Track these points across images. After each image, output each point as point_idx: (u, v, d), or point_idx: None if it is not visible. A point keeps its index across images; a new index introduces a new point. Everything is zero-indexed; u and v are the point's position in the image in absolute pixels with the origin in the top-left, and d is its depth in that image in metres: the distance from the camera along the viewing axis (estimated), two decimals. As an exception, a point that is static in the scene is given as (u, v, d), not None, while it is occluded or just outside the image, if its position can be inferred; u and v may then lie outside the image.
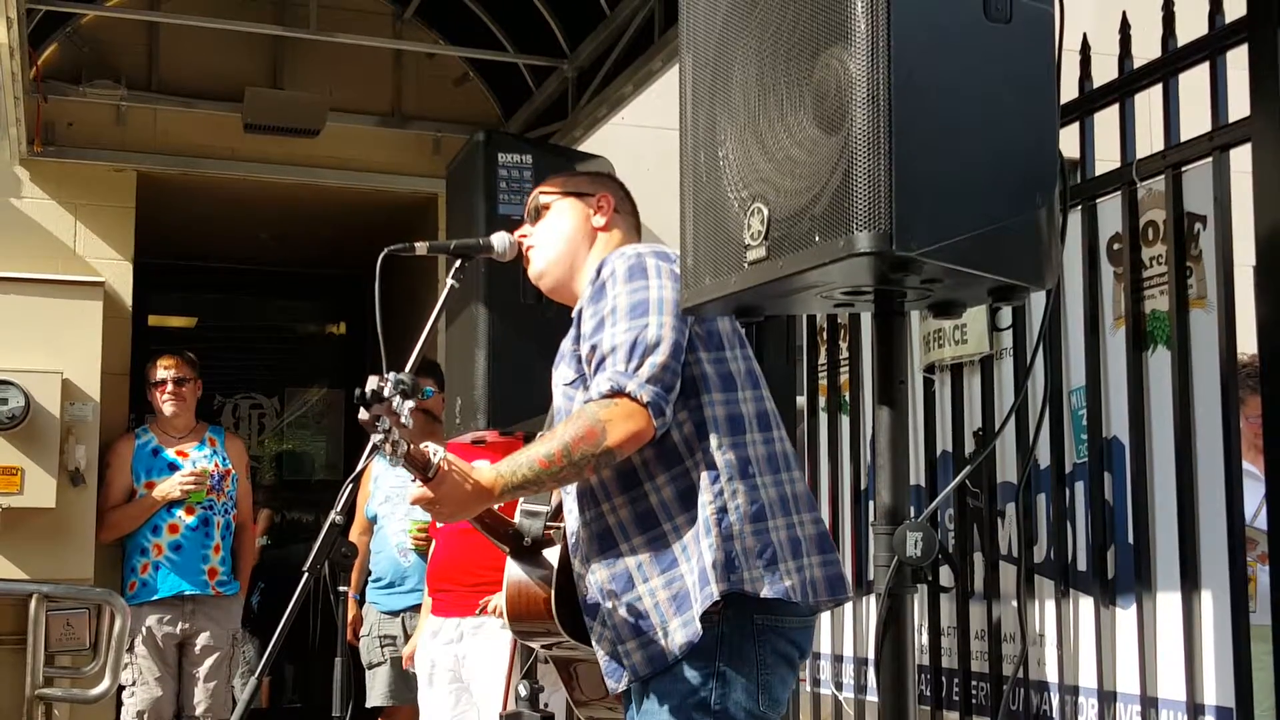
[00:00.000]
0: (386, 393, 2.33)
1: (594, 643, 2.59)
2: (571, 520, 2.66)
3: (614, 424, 2.42)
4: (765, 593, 2.45)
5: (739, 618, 2.47)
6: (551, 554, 2.71)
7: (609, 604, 2.55)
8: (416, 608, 5.25)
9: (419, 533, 5.21)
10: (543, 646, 2.85)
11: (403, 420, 2.35)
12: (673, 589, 2.49)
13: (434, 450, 2.44)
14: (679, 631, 2.47)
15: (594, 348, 2.52)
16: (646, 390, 2.43)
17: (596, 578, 2.58)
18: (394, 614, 5.32)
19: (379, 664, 5.30)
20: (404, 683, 5.25)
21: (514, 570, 2.74)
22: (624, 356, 2.45)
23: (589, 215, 2.81)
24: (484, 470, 2.49)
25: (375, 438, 2.34)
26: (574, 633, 2.65)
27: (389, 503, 5.33)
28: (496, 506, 2.62)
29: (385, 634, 5.31)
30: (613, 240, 2.80)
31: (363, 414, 2.34)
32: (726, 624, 2.46)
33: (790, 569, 2.50)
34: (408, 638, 5.27)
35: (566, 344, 2.69)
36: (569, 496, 2.66)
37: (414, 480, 2.46)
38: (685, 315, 2.48)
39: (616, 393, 2.43)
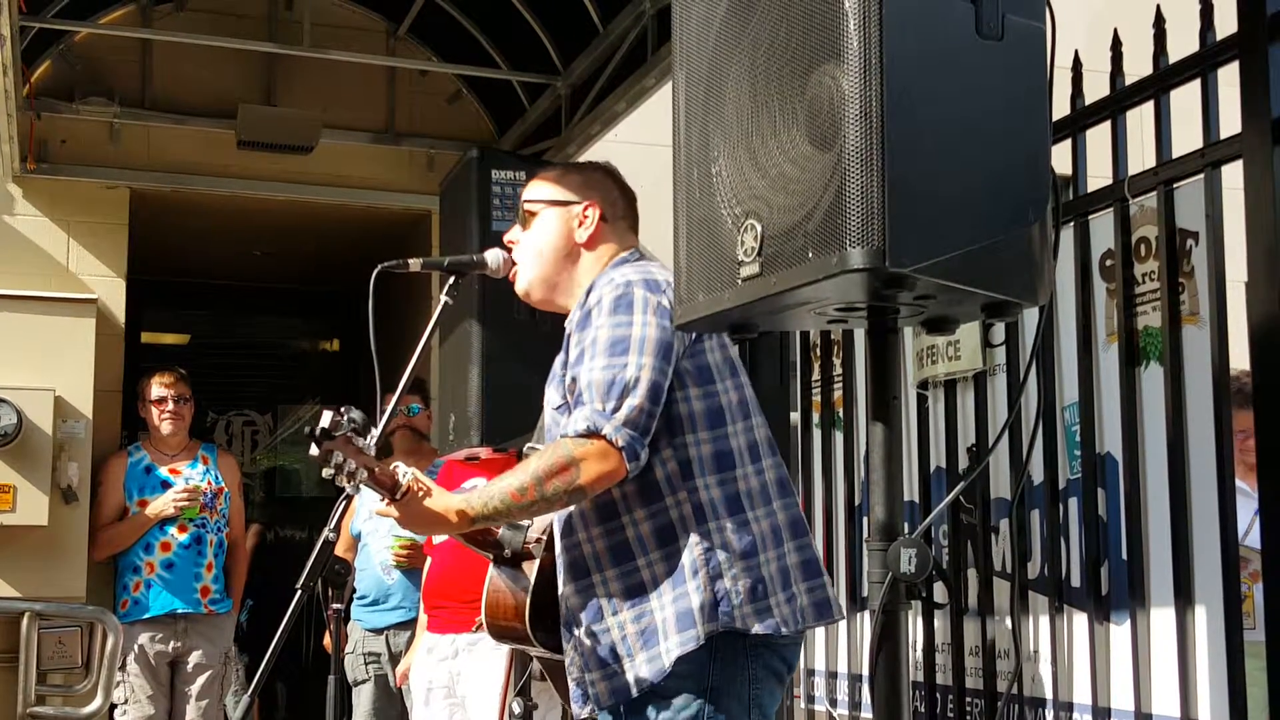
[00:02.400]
0: (338, 431, 2.37)
1: (566, 665, 2.61)
2: (557, 543, 2.67)
3: (588, 464, 2.42)
4: (755, 629, 2.47)
5: (731, 641, 2.48)
6: (531, 567, 2.73)
7: (578, 632, 2.56)
8: (401, 625, 5.25)
9: (402, 549, 5.20)
10: (535, 656, 2.86)
11: (363, 450, 2.40)
12: (641, 624, 2.49)
13: (403, 472, 2.46)
14: (644, 666, 2.47)
15: (574, 379, 2.51)
16: (622, 434, 2.42)
17: (569, 605, 2.60)
18: (378, 631, 5.31)
19: (363, 681, 5.28)
20: (388, 700, 5.24)
21: (495, 578, 2.75)
22: (600, 395, 2.44)
23: (573, 229, 2.73)
24: (454, 497, 2.50)
25: (325, 472, 2.38)
26: (547, 644, 2.67)
27: (373, 520, 5.32)
28: None
29: (370, 651, 5.30)
30: (600, 256, 2.74)
31: (313, 450, 2.37)
32: (718, 647, 2.47)
33: (780, 600, 2.50)
34: (392, 655, 5.26)
35: (558, 364, 2.68)
36: (558, 520, 2.67)
37: (383, 500, 2.49)
38: (669, 354, 2.48)
39: (592, 433, 2.43)
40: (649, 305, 2.51)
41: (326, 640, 5.55)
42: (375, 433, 2.48)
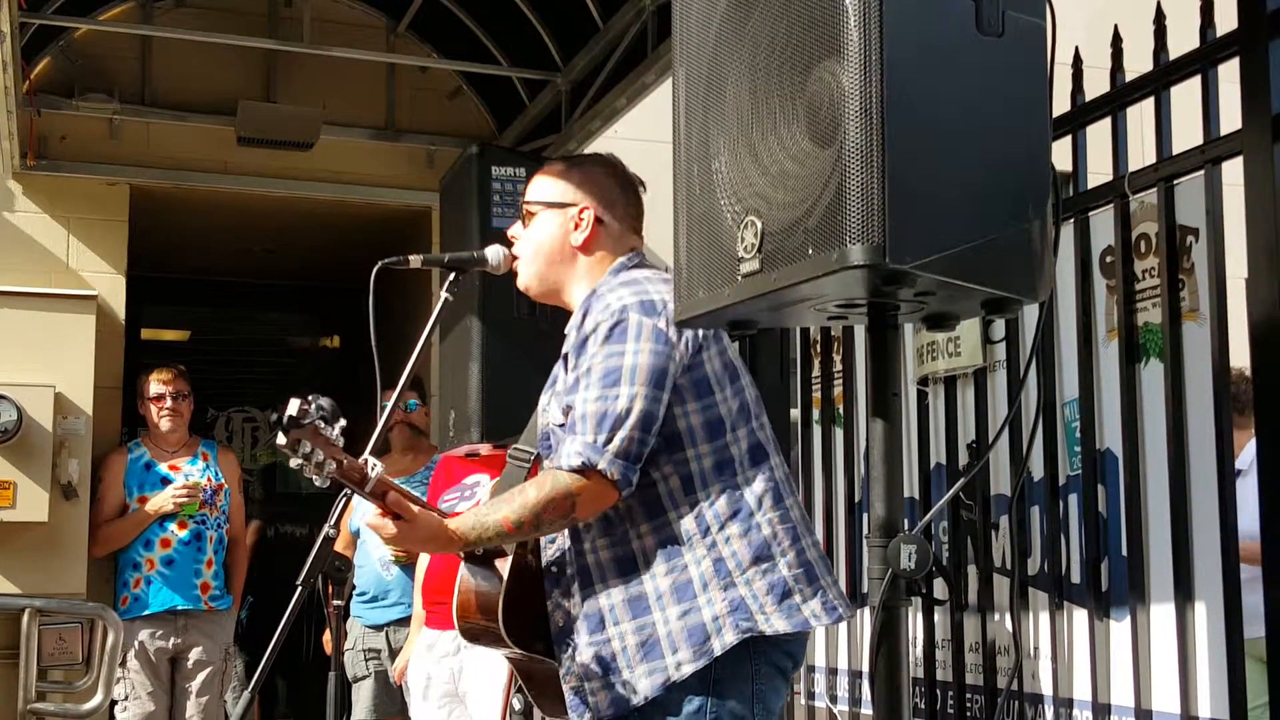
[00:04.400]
0: (306, 419, 2.35)
1: (561, 675, 2.61)
2: (551, 549, 2.67)
3: (584, 499, 2.46)
4: (783, 628, 2.47)
5: (761, 644, 2.49)
6: (503, 564, 2.72)
7: (578, 641, 2.57)
8: (400, 621, 5.26)
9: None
10: (508, 657, 2.85)
11: (332, 441, 2.38)
12: (642, 635, 2.50)
13: (371, 464, 2.44)
14: (643, 680, 2.48)
15: (568, 408, 2.54)
16: (616, 466, 2.45)
17: (569, 614, 2.60)
18: (378, 628, 5.31)
19: (363, 677, 5.29)
20: (388, 696, 5.25)
21: (465, 577, 2.75)
22: (593, 427, 2.46)
23: (568, 233, 2.72)
24: (448, 523, 2.51)
25: (293, 462, 2.36)
26: (519, 641, 2.67)
27: (371, 516, 5.32)
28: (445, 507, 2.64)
29: (369, 647, 5.30)
30: (598, 259, 2.72)
31: (280, 439, 2.36)
32: (739, 650, 2.47)
33: (809, 594, 2.50)
34: (392, 651, 5.26)
35: (558, 374, 2.68)
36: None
37: (353, 494, 2.48)
38: (662, 380, 2.48)
39: (587, 468, 2.45)
40: (643, 331, 2.50)
41: (326, 638, 5.56)
42: (343, 423, 2.45)
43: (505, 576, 2.69)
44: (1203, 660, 3.15)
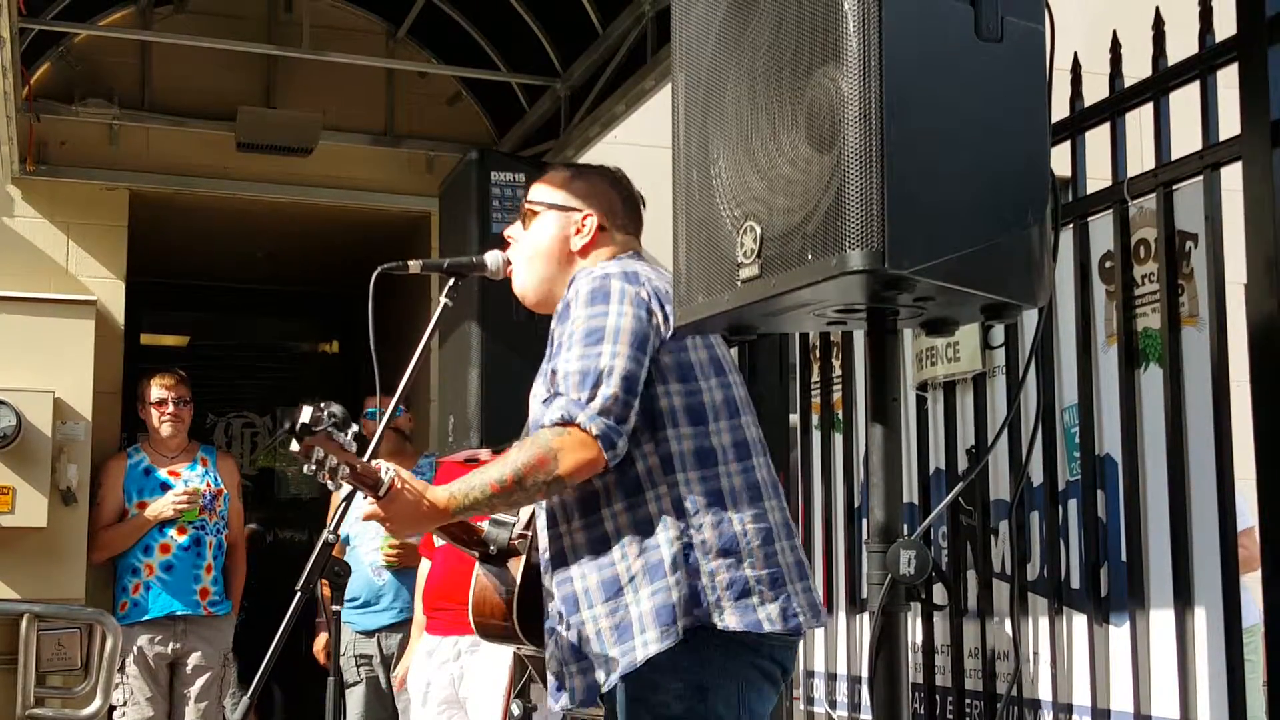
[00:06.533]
0: (319, 426, 2.36)
1: (546, 657, 2.63)
2: (542, 537, 2.69)
3: (565, 453, 2.44)
4: (733, 625, 2.46)
5: (708, 638, 2.48)
6: (518, 564, 2.74)
7: (559, 625, 2.58)
8: (392, 627, 5.26)
9: (392, 549, 5.21)
10: (524, 655, 2.88)
11: (344, 446, 2.40)
12: (615, 618, 2.49)
13: (385, 468, 2.46)
14: (619, 660, 2.48)
15: (553, 372, 2.53)
16: (597, 422, 2.44)
17: (552, 598, 2.61)
18: (369, 633, 5.32)
19: (354, 684, 5.29)
20: (379, 702, 5.25)
21: (480, 576, 2.76)
22: (575, 385, 2.46)
23: (569, 235, 2.75)
24: (438, 490, 2.51)
25: (306, 469, 2.37)
26: (532, 638, 2.70)
27: (359, 522, 5.31)
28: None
29: (361, 653, 5.31)
30: (594, 263, 2.72)
31: (294, 445, 2.38)
32: (701, 643, 2.47)
33: (769, 597, 2.50)
34: (383, 657, 5.27)
35: (545, 365, 2.69)
36: (542, 513, 2.68)
37: (366, 498, 2.48)
38: (644, 344, 2.49)
39: (567, 422, 2.44)
40: (625, 295, 2.53)
41: (317, 647, 5.56)
42: (355, 428, 2.48)
43: (518, 575, 2.70)
44: (1202, 665, 3.15)
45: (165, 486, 5.67)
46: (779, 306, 2.07)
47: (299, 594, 2.59)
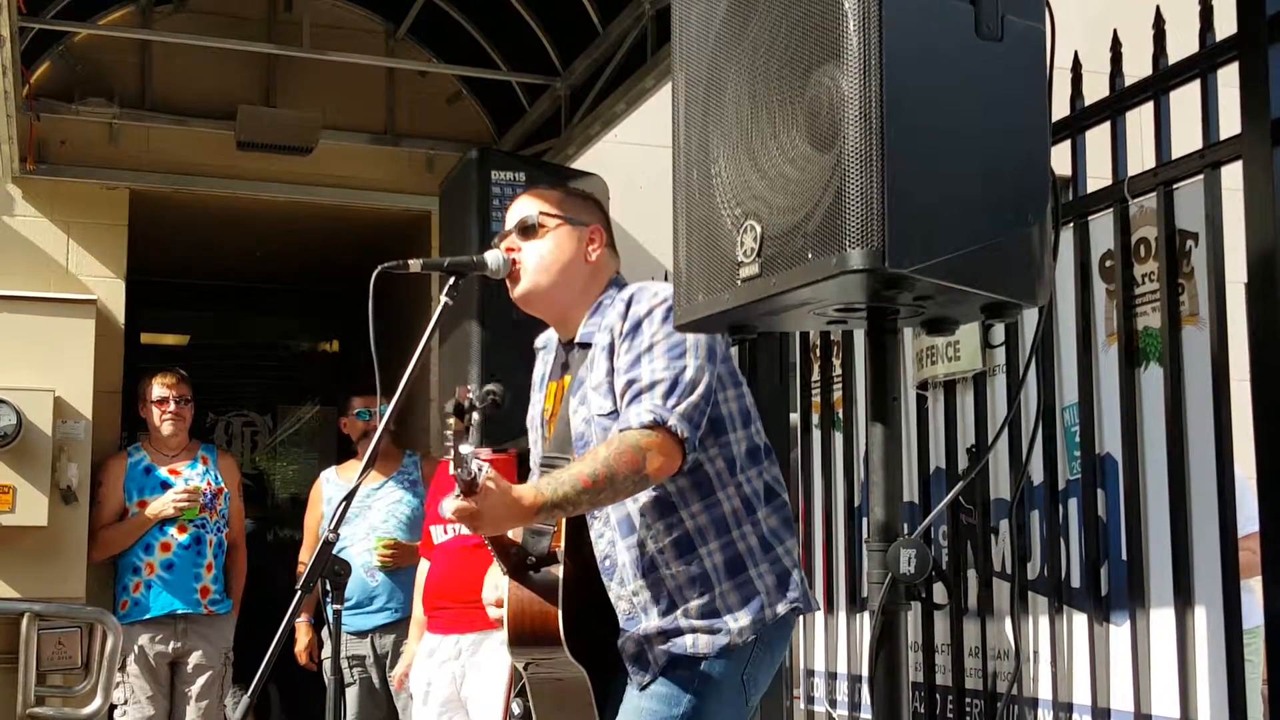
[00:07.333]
0: (476, 404, 2.57)
1: (620, 646, 2.69)
2: (602, 544, 2.74)
3: (654, 453, 2.55)
4: (782, 610, 2.71)
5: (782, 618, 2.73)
6: (555, 573, 2.72)
7: (648, 621, 2.68)
8: (385, 627, 5.27)
9: (385, 549, 5.21)
10: (528, 664, 2.84)
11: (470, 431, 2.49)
12: (705, 608, 2.67)
13: (478, 465, 2.42)
14: (703, 638, 2.66)
15: (630, 382, 2.63)
16: (684, 426, 2.58)
17: (635, 599, 2.70)
18: (362, 634, 5.32)
19: (348, 685, 5.29)
20: (373, 703, 5.26)
21: (516, 588, 2.74)
22: (664, 392, 2.59)
23: (585, 249, 2.87)
24: (523, 487, 2.51)
25: (464, 447, 2.35)
26: (575, 651, 2.68)
27: (349, 524, 5.29)
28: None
29: (354, 654, 5.31)
30: (599, 275, 2.89)
31: (457, 423, 2.53)
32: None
33: (794, 582, 2.74)
34: (377, 657, 5.27)
35: (592, 375, 2.73)
36: (596, 521, 2.75)
37: (455, 494, 2.43)
38: (714, 359, 2.66)
39: (658, 425, 2.56)
40: None
41: (299, 649, 5.56)
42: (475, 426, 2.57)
43: (561, 584, 2.70)
44: (1202, 664, 3.15)
45: (166, 485, 5.67)
46: (779, 305, 2.07)
47: (300, 593, 2.59)
